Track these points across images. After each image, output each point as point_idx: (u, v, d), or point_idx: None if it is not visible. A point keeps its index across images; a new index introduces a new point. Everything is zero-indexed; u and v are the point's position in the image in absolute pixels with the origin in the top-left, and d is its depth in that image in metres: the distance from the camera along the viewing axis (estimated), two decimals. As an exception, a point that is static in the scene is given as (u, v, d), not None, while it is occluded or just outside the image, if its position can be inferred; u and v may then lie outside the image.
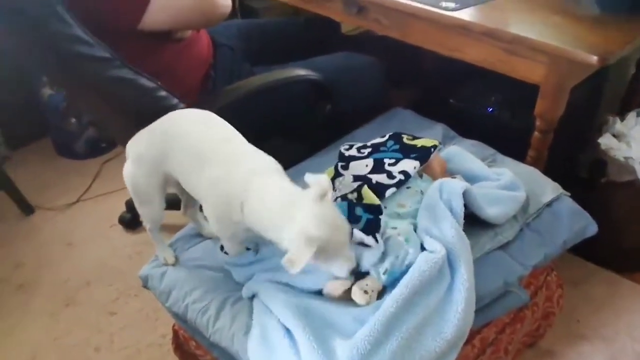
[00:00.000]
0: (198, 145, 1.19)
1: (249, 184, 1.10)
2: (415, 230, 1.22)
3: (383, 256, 1.14)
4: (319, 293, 1.16)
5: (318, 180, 1.05)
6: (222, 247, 1.31)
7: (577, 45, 1.36)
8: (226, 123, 1.25)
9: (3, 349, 1.82)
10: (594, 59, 1.32)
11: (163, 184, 1.28)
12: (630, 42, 1.41)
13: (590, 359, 1.65)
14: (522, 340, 1.57)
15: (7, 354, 1.80)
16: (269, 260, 1.23)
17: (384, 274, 1.12)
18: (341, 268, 1.07)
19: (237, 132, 1.22)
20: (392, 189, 1.29)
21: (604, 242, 1.86)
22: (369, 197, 1.26)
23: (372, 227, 1.17)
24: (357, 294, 1.10)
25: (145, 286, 1.40)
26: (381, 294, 1.13)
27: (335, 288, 1.13)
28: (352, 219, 1.19)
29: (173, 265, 1.36)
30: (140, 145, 1.27)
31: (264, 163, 1.16)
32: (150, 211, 1.34)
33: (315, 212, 1.02)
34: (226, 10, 1.61)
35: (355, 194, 1.28)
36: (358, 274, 1.15)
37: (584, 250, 1.91)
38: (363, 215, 1.20)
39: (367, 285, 1.11)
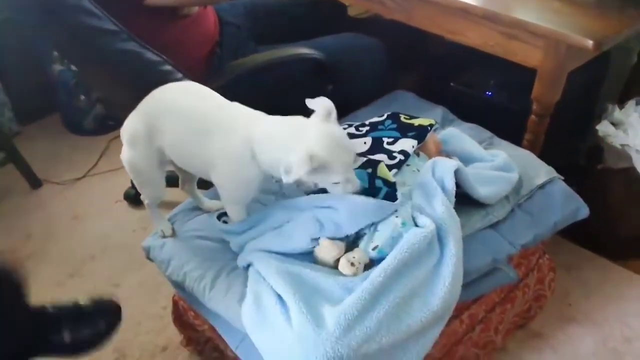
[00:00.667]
0: (192, 118, 1.21)
1: (252, 128, 1.15)
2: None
3: (377, 233, 1.18)
4: (309, 260, 1.20)
5: (321, 102, 1.12)
6: (219, 217, 1.34)
7: (574, 30, 1.38)
8: (210, 90, 1.26)
9: (9, 316, 1.87)
10: (590, 43, 1.34)
11: (160, 162, 1.30)
12: (628, 28, 1.43)
13: (579, 341, 1.68)
14: (512, 321, 1.60)
15: (13, 321, 1.85)
16: (262, 224, 1.27)
17: (373, 249, 1.16)
18: (344, 189, 1.15)
19: (222, 98, 1.24)
20: (394, 170, 1.33)
21: (599, 228, 1.90)
22: (384, 173, 1.29)
23: (390, 200, 1.23)
24: (344, 265, 1.14)
25: (148, 256, 1.44)
26: (368, 268, 1.16)
27: (326, 250, 1.16)
28: (372, 189, 1.24)
29: (171, 237, 1.39)
30: (132, 127, 1.28)
31: (259, 113, 1.21)
32: (151, 190, 1.37)
33: (321, 130, 1.09)
34: None
35: (370, 169, 1.30)
36: (349, 246, 1.19)
37: (579, 236, 1.95)
38: (383, 187, 1.24)
39: (354, 257, 1.15)
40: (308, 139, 1.07)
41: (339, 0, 2.01)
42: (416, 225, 1.22)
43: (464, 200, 1.32)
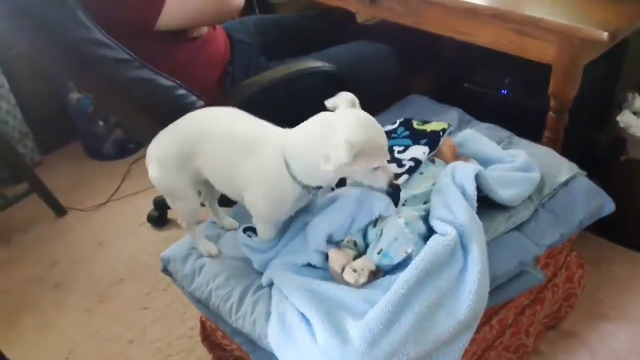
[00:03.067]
0: (229, 140, 1.22)
1: (282, 137, 1.16)
2: (421, 218, 1.24)
3: (380, 237, 1.17)
4: (328, 275, 1.20)
5: (341, 96, 1.12)
6: (245, 230, 1.33)
7: (587, 23, 1.37)
8: (246, 114, 1.27)
9: (42, 344, 1.89)
10: (605, 35, 1.32)
11: (194, 179, 1.30)
12: (640, 17, 1.40)
13: (612, 339, 1.64)
14: (543, 322, 1.57)
15: (46, 350, 1.87)
16: (283, 241, 1.27)
17: (378, 253, 1.15)
18: (381, 178, 1.12)
19: (258, 119, 1.26)
20: (405, 176, 1.31)
21: (627, 221, 1.86)
22: None
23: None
24: (347, 273, 1.14)
25: (166, 269, 1.44)
26: (375, 275, 1.16)
27: (334, 260, 1.16)
28: None
29: (216, 256, 1.38)
30: (166, 146, 1.29)
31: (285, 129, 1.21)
32: (186, 206, 1.35)
33: (352, 117, 1.08)
34: (240, 2, 1.64)
35: None
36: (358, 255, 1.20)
37: (606, 229, 1.91)
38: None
39: (358, 264, 1.15)
40: (341, 128, 1.06)
41: (347, 9, 2.00)
42: (434, 231, 1.20)
43: (487, 204, 1.31)
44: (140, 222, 2.34)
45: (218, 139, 1.23)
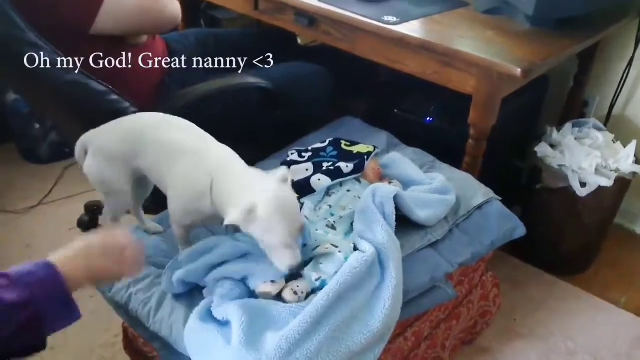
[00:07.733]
0: (167, 147, 1.27)
1: (221, 162, 1.21)
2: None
3: (321, 266, 1.22)
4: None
5: (279, 169, 1.18)
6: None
7: (505, 59, 1.46)
8: (193, 125, 1.32)
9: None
10: (518, 71, 1.42)
11: (132, 176, 1.34)
12: (553, 57, 1.53)
13: (525, 355, 1.74)
14: (459, 337, 1.65)
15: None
16: (216, 250, 1.26)
17: (316, 280, 1.19)
18: (282, 261, 1.11)
19: (202, 133, 1.30)
20: (326, 178, 1.41)
21: (542, 245, 1.97)
22: None
23: None
24: (287, 294, 1.17)
25: None
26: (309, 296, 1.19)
27: (267, 292, 1.18)
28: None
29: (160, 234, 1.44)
30: (109, 141, 1.33)
31: (228, 152, 1.25)
32: (118, 200, 1.39)
33: (273, 191, 1.10)
34: (174, 14, 1.67)
35: None
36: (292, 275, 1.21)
37: (525, 253, 2.02)
38: None
39: (298, 287, 1.18)
40: (257, 194, 1.09)
41: (289, 30, 2.05)
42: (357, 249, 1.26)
43: (405, 222, 1.38)
44: (70, 226, 2.31)
45: (161, 141, 1.28)
